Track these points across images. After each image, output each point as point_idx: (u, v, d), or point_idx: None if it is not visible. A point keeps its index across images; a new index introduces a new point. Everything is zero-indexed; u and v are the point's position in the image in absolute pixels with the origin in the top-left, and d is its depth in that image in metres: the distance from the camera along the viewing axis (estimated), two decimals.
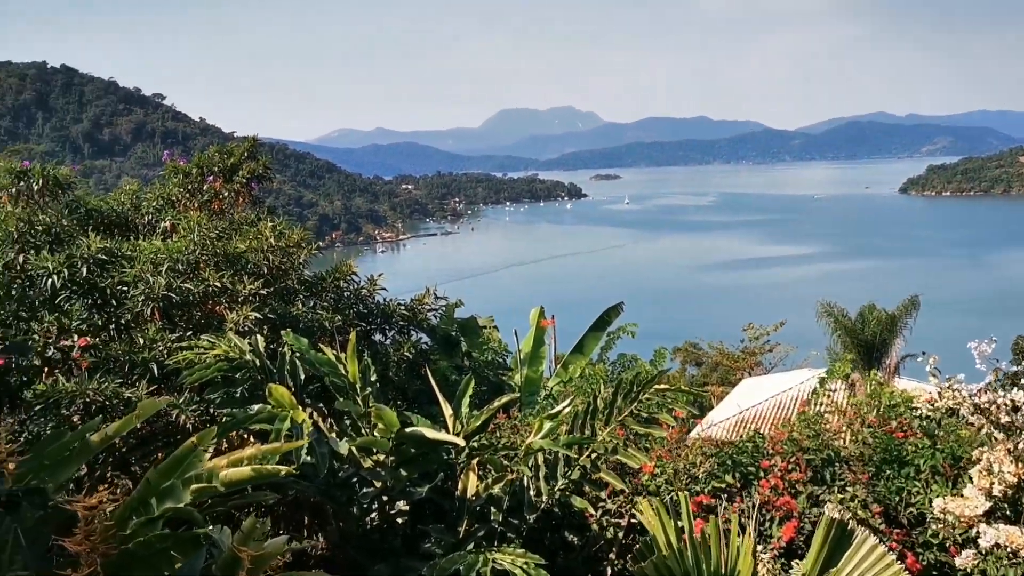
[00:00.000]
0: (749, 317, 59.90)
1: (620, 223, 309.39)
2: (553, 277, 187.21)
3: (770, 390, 34.63)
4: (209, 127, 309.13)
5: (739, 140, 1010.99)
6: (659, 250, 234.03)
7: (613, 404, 7.91)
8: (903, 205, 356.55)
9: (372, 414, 7.01)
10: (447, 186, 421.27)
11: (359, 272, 10.45)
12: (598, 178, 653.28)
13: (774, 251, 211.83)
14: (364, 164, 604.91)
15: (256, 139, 10.95)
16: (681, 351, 61.89)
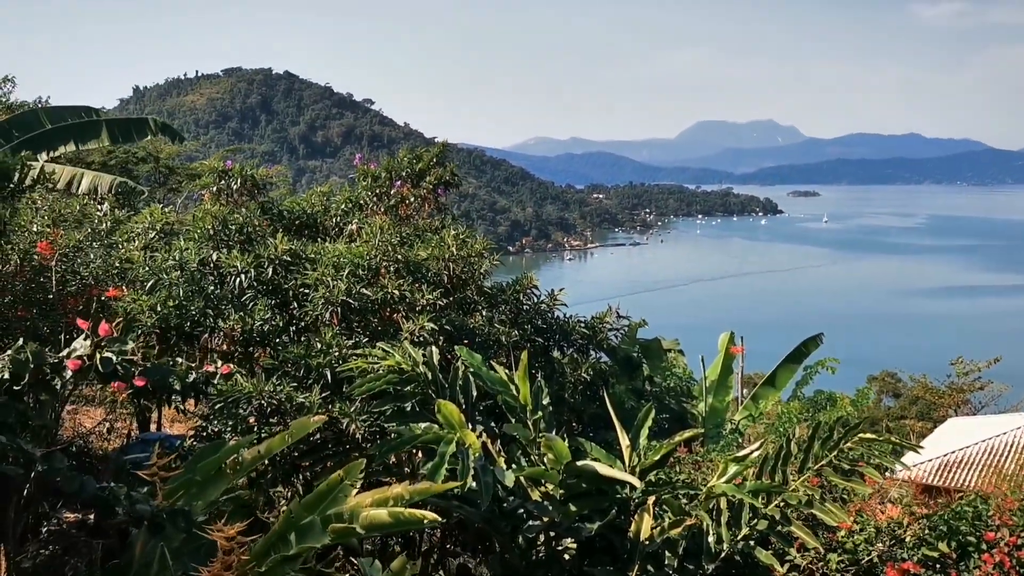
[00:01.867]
0: (958, 350, 55.48)
1: (817, 242, 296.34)
2: (743, 295, 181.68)
3: (980, 433, 31.72)
4: (412, 132, 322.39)
5: (954, 159, 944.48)
6: (859, 272, 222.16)
7: (809, 450, 7.10)
8: None
9: (542, 444, 6.60)
10: (638, 197, 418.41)
11: (540, 285, 10.06)
12: (796, 194, 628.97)
13: (989, 279, 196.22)
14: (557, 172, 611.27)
15: (446, 144, 10.83)
16: (878, 380, 58.21)
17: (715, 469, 7.24)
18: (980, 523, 6.82)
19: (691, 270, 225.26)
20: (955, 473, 27.97)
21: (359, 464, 3.99)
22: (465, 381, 7.40)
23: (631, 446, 7.16)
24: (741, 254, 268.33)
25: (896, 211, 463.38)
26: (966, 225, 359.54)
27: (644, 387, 10.78)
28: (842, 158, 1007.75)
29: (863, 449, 6.89)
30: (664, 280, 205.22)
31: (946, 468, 28.37)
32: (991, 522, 6.78)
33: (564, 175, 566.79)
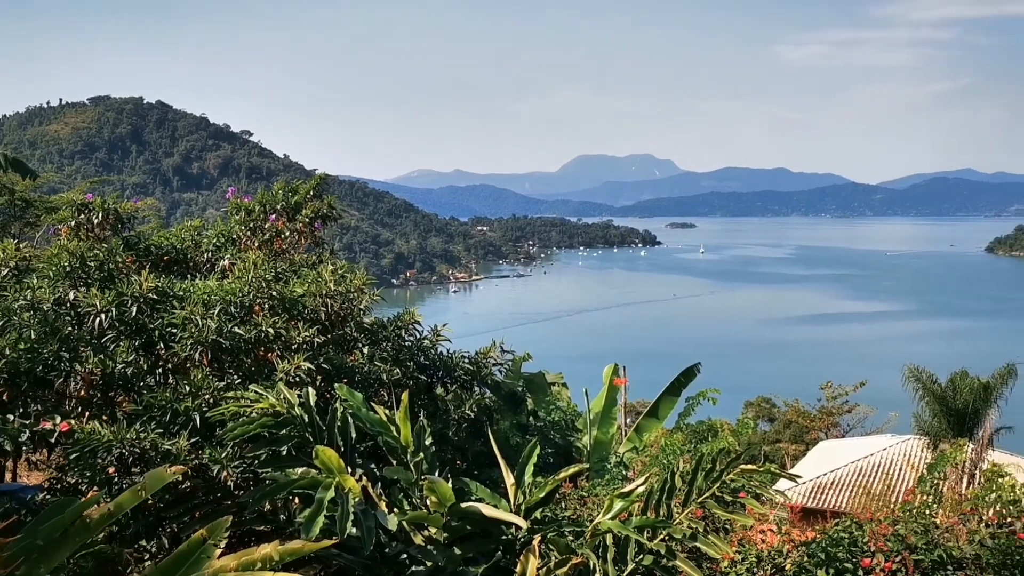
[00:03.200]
0: (827, 375, 57.89)
1: (695, 272, 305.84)
2: (625, 325, 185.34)
3: (849, 455, 33.06)
4: (292, 164, 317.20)
5: (819, 193, 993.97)
6: (734, 301, 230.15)
7: (693, 483, 7.11)
8: (990, 264, 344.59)
9: (425, 486, 6.37)
10: (521, 229, 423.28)
11: (422, 320, 9.86)
12: (673, 226, 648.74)
13: (854, 307, 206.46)
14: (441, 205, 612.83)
15: (323, 176, 10.54)
16: (754, 405, 60.12)
17: (601, 504, 7.16)
18: (856, 549, 6.95)
19: (575, 301, 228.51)
20: (827, 495, 28.99)
21: (224, 522, 3.67)
22: (344, 422, 7.11)
23: (516, 484, 7.01)
24: (623, 285, 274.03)
25: (767, 242, 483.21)
26: (831, 255, 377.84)
27: (529, 422, 10.67)
28: (716, 191, 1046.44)
29: (744, 480, 6.95)
30: (549, 311, 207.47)
31: (819, 490, 29.39)
32: (866, 548, 6.92)
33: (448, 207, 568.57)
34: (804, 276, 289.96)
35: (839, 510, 22.29)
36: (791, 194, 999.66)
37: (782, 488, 28.65)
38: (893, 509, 7.63)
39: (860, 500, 26.14)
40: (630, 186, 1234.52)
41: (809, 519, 15.11)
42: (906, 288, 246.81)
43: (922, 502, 7.50)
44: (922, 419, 29.73)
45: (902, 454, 31.35)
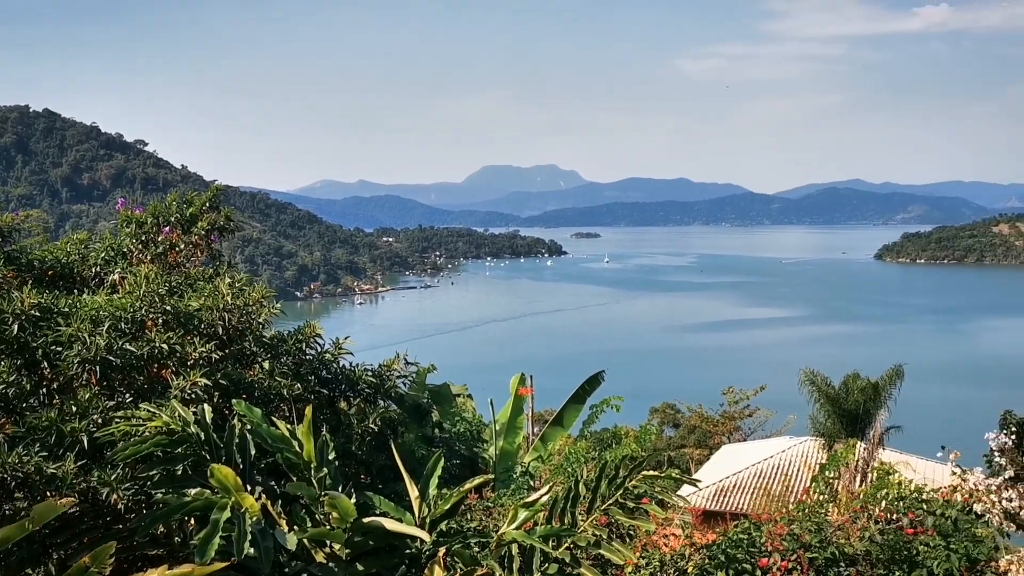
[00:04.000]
0: (728, 380, 59.41)
1: (600, 281, 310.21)
2: (533, 334, 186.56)
3: (750, 457, 33.96)
4: (191, 175, 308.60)
5: (719, 202, 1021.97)
6: (639, 309, 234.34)
7: (597, 490, 7.16)
8: (878, 271, 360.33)
9: (326, 502, 6.24)
10: (428, 240, 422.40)
11: (324, 333, 9.68)
12: (578, 236, 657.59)
13: (753, 313, 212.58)
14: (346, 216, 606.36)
15: (220, 187, 10.25)
16: (659, 412, 61.27)
17: (506, 515, 7.15)
18: (755, 550, 7.11)
19: (482, 311, 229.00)
20: (730, 497, 29.70)
21: (107, 548, 3.51)
22: (242, 439, 6.90)
23: (420, 497, 6.93)
24: (530, 294, 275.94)
25: (670, 251, 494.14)
26: (731, 263, 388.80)
27: (434, 434, 10.60)
28: (619, 201, 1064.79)
29: (647, 486, 7.04)
30: (456, 322, 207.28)
31: (722, 493, 30.09)
32: (764, 548, 7.09)
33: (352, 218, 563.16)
34: (706, 284, 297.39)
35: (741, 512, 22.84)
36: (692, 204, 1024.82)
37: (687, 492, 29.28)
38: (789, 509, 7.83)
39: (761, 501, 26.90)
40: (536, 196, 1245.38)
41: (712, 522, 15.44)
42: (802, 294, 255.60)
43: (816, 501, 7.73)
44: (818, 421, 30.80)
45: (800, 455, 32.39)
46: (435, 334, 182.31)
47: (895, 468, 11.43)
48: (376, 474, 9.17)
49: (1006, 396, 42.29)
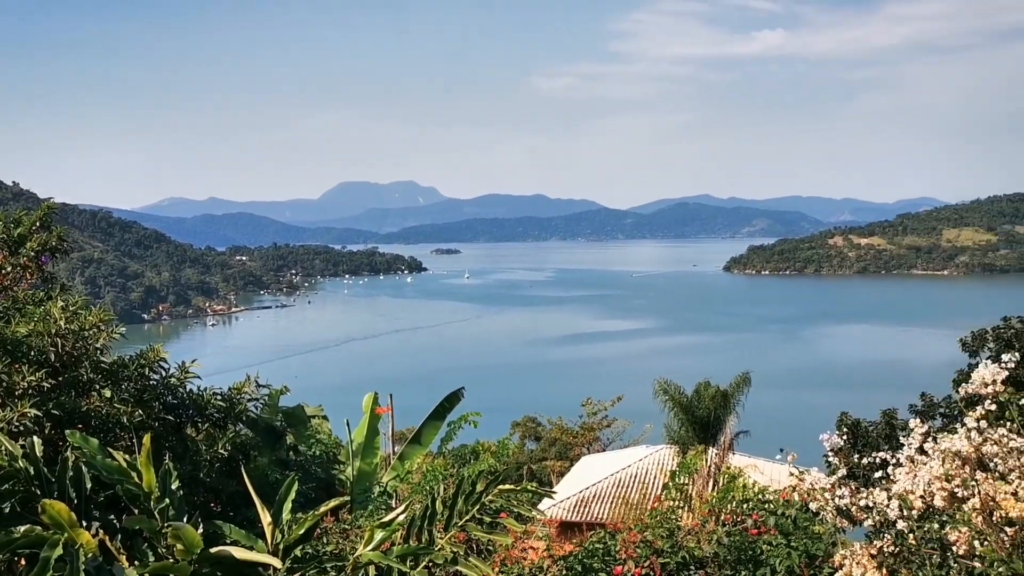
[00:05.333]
0: (587, 391, 60.57)
1: (461, 297, 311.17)
2: (393, 351, 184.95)
3: (609, 468, 34.68)
4: (23, 192, 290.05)
5: (575, 218, 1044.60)
6: (500, 324, 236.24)
7: (454, 507, 7.14)
8: (727, 282, 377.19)
9: (169, 534, 5.95)
10: (283, 258, 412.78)
11: (171, 357, 9.26)
12: (438, 252, 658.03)
13: (610, 325, 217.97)
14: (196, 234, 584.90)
15: (51, 206, 9.68)
16: (520, 425, 61.72)
17: (363, 536, 7.02)
18: (610, 558, 7.26)
19: (342, 330, 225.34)
20: (590, 507, 30.24)
21: None
22: (76, 472, 6.49)
23: (273, 522, 6.70)
24: (390, 312, 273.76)
25: (528, 266, 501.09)
26: (587, 277, 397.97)
27: (289, 457, 10.31)
28: (478, 217, 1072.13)
29: (504, 500, 7.07)
30: (315, 342, 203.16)
31: (582, 503, 30.60)
32: (619, 556, 7.25)
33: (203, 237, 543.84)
34: (564, 298, 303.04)
35: (601, 522, 23.28)
36: (550, 219, 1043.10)
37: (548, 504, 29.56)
38: (642, 517, 8.05)
39: (620, 510, 27.51)
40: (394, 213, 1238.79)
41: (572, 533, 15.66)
42: (656, 306, 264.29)
43: (668, 508, 7.97)
44: (672, 429, 31.81)
45: (656, 463, 33.35)
46: (292, 355, 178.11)
47: (744, 472, 11.92)
48: (226, 501, 8.83)
49: (844, 398, 44.99)
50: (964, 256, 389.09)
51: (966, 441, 5.75)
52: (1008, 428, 5.97)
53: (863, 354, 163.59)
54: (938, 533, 5.66)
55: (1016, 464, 5.68)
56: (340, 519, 8.68)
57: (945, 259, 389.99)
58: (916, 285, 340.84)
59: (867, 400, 34.60)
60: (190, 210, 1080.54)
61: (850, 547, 5.99)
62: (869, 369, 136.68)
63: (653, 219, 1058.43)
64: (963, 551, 5.47)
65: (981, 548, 5.36)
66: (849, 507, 6.00)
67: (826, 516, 6.11)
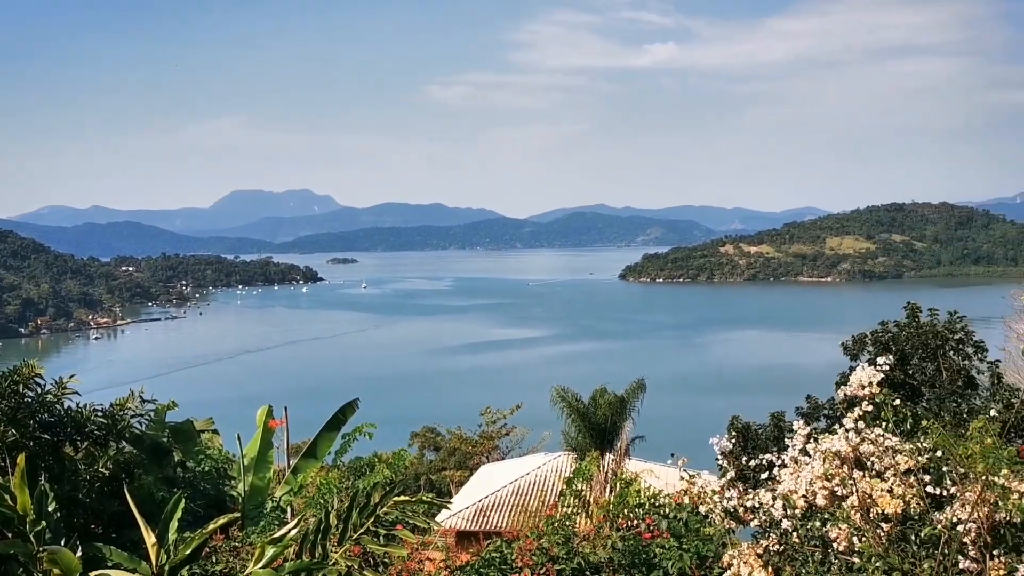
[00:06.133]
0: (486, 400, 60.76)
1: (359, 307, 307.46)
2: (289, 363, 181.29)
3: (507, 476, 34.80)
4: None
5: (474, 227, 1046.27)
6: (398, 334, 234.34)
7: (348, 520, 7.04)
8: (622, 290, 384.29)
9: (45, 559, 5.68)
10: (173, 268, 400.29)
11: (47, 373, 8.82)
12: (335, 262, 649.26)
13: (509, 334, 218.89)
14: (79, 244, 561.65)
15: None
16: (419, 436, 61.40)
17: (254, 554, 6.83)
18: (506, 567, 7.27)
19: (235, 342, 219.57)
20: (489, 516, 30.26)
21: None
22: None
23: (158, 543, 6.48)
24: (286, 323, 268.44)
25: (427, 275, 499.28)
26: (486, 286, 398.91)
27: (176, 474, 9.96)
28: (376, 226, 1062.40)
29: (399, 512, 7.00)
30: (207, 354, 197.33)
31: (481, 513, 30.59)
32: (515, 564, 7.26)
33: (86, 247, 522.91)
34: (463, 306, 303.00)
35: (496, 531, 23.32)
36: (448, 228, 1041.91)
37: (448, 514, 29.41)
38: (539, 524, 8.09)
39: (519, 518, 27.62)
40: (289, 222, 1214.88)
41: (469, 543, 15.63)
42: (554, 314, 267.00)
43: (563, 514, 8.03)
44: (570, 436, 32.08)
45: (554, 470, 33.63)
46: (183, 368, 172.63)
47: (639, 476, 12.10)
48: (108, 522, 8.46)
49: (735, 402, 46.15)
50: (846, 263, 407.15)
51: (844, 441, 5.99)
52: (883, 428, 6.25)
53: (754, 359, 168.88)
54: (819, 531, 5.87)
55: (891, 462, 5.94)
56: (230, 536, 8.43)
57: (828, 266, 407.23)
58: (802, 291, 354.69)
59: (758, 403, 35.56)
60: (71, 219, 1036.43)
61: (738, 547, 6.16)
62: (759, 373, 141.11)
63: (550, 228, 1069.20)
64: (843, 547, 5.68)
65: (859, 544, 5.58)
66: (736, 508, 6.17)
67: (714, 518, 6.27)
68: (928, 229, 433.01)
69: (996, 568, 5.17)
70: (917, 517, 5.66)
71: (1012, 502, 5.46)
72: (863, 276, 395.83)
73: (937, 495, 5.86)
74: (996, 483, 5.50)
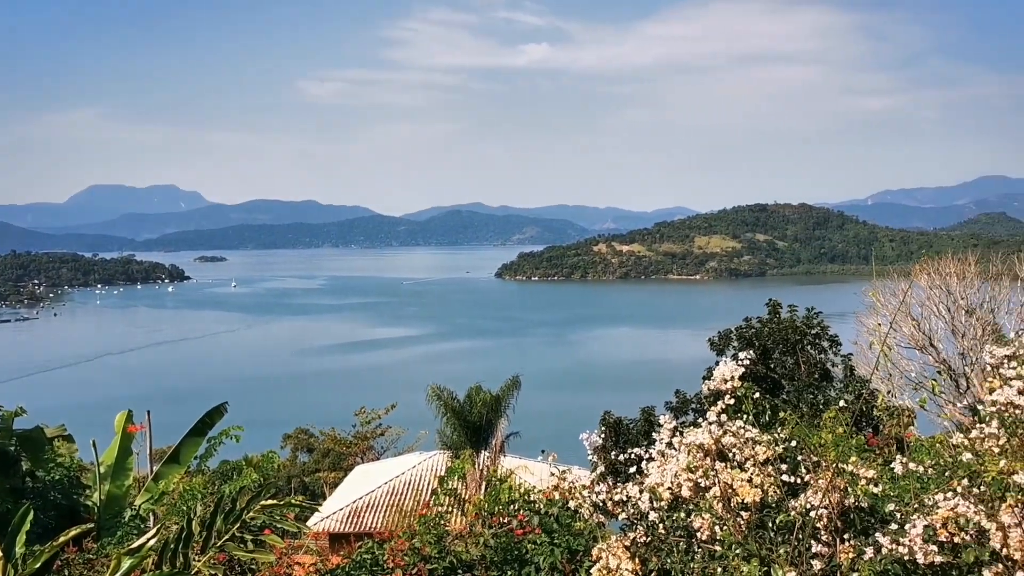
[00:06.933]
0: (361, 400, 60.03)
1: (228, 307, 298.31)
2: (153, 366, 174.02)
3: (383, 476, 34.49)
4: None
5: (348, 224, 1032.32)
6: (270, 334, 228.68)
7: (212, 527, 6.79)
8: (499, 288, 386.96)
9: None
10: (24, 267, 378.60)
11: None
12: (203, 260, 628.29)
13: (384, 333, 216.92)
14: None
15: None
16: (292, 438, 60.14)
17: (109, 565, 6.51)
18: (377, 568, 7.17)
19: (94, 344, 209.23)
20: (363, 518, 29.90)
21: None
22: None
23: (5, 557, 6.11)
24: (150, 323, 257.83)
25: (299, 274, 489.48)
26: (361, 284, 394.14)
27: (25, 484, 9.38)
28: (246, 223, 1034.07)
29: (266, 516, 6.80)
30: (63, 357, 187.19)
31: (355, 514, 30.19)
32: (387, 566, 7.17)
33: None
34: (337, 305, 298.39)
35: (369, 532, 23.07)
36: (322, 226, 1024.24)
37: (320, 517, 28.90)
38: (412, 524, 8.01)
39: (394, 518, 27.41)
40: (153, 218, 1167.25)
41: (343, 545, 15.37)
42: (430, 313, 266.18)
43: (436, 513, 7.98)
44: (445, 434, 32.06)
45: (429, 469, 33.52)
46: (34, 372, 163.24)
47: (514, 473, 12.19)
48: None
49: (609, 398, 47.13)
50: (713, 262, 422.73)
51: (707, 434, 6.19)
52: (744, 420, 6.48)
53: (626, 355, 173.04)
54: (684, 521, 6.03)
55: (751, 453, 6.17)
56: (84, 548, 8.00)
57: (697, 265, 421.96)
58: (672, 289, 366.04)
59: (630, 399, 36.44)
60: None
61: (607, 539, 6.27)
62: (632, 369, 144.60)
63: (427, 226, 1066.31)
64: (706, 536, 5.86)
65: (721, 533, 5.77)
66: (605, 502, 6.28)
67: (583, 512, 6.36)
68: (789, 229, 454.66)
69: (846, 551, 5.44)
70: (774, 505, 5.90)
71: (860, 487, 5.77)
72: (729, 274, 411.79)
73: (793, 483, 6.12)
74: (846, 470, 5.80)
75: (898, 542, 5.20)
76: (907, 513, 5.54)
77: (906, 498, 5.68)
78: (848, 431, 6.33)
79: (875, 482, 5.89)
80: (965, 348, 33.11)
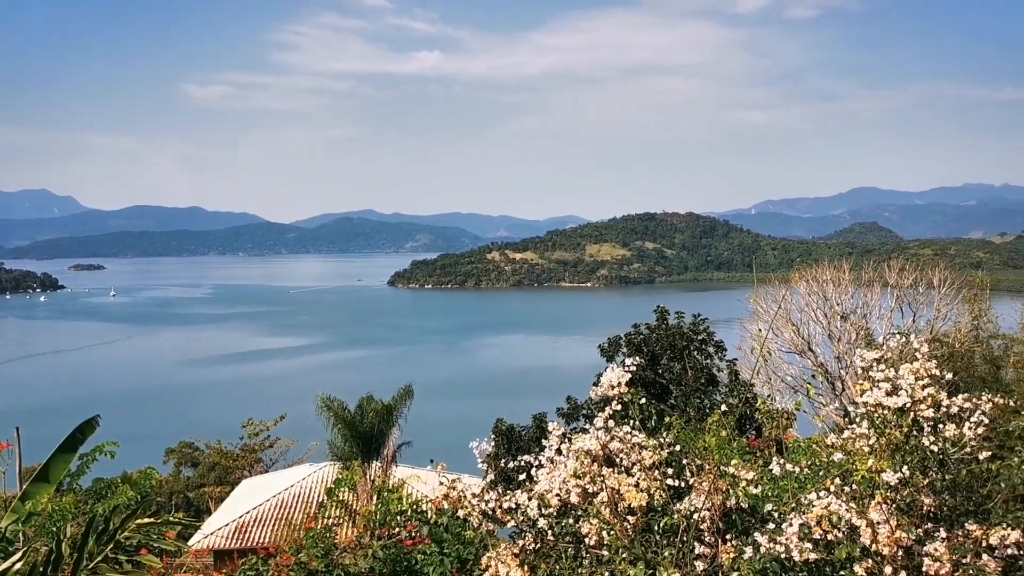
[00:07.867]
0: (248, 412, 58.64)
1: (107, 317, 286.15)
2: (23, 380, 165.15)
3: (271, 489, 33.66)
4: None
5: (235, 232, 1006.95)
6: (152, 345, 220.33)
7: (83, 547, 6.48)
8: (391, 296, 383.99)
9: None
10: None
11: None
12: (78, 268, 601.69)
13: (273, 343, 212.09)
14: None
15: None
16: (175, 452, 58.08)
17: None
18: None
19: None
20: (250, 533, 29.07)
21: None
22: None
23: None
24: (19, 335, 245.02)
25: (183, 282, 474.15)
26: (249, 293, 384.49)
27: None
28: (125, 230, 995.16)
29: (143, 535, 6.54)
30: None
31: (241, 529, 29.32)
32: None
33: None
34: (223, 315, 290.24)
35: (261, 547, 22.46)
36: (207, 233, 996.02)
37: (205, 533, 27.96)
38: (298, 538, 7.82)
39: (283, 532, 26.76)
40: (23, 224, 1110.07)
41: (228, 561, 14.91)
42: (321, 322, 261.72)
43: (324, 526, 7.82)
44: (335, 445, 31.50)
45: (319, 481, 32.90)
46: None
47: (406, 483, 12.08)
48: None
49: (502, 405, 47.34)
50: (604, 269, 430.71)
51: (595, 440, 6.25)
52: (631, 425, 6.59)
53: (519, 362, 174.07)
54: (573, 527, 6.08)
55: (637, 458, 6.27)
56: None
57: (588, 272, 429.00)
58: (565, 296, 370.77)
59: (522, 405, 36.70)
60: None
61: (496, 547, 6.25)
62: (525, 376, 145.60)
63: (317, 234, 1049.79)
64: (594, 542, 5.92)
65: (608, 537, 5.83)
66: (495, 510, 6.27)
67: (473, 521, 6.34)
68: (677, 237, 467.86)
69: (727, 551, 5.57)
70: (660, 508, 6.00)
71: (741, 489, 5.94)
72: (620, 281, 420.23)
73: (678, 487, 6.25)
74: (728, 472, 5.95)
75: (775, 540, 5.37)
76: (785, 512, 5.73)
77: (784, 498, 5.86)
78: (731, 434, 6.52)
79: (755, 483, 6.07)
80: (840, 352, 34.73)
